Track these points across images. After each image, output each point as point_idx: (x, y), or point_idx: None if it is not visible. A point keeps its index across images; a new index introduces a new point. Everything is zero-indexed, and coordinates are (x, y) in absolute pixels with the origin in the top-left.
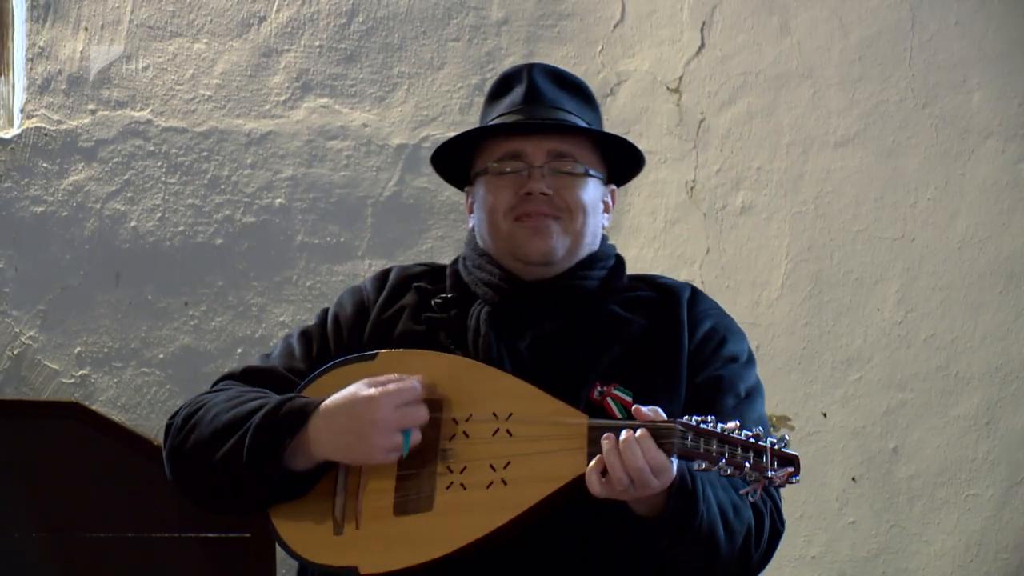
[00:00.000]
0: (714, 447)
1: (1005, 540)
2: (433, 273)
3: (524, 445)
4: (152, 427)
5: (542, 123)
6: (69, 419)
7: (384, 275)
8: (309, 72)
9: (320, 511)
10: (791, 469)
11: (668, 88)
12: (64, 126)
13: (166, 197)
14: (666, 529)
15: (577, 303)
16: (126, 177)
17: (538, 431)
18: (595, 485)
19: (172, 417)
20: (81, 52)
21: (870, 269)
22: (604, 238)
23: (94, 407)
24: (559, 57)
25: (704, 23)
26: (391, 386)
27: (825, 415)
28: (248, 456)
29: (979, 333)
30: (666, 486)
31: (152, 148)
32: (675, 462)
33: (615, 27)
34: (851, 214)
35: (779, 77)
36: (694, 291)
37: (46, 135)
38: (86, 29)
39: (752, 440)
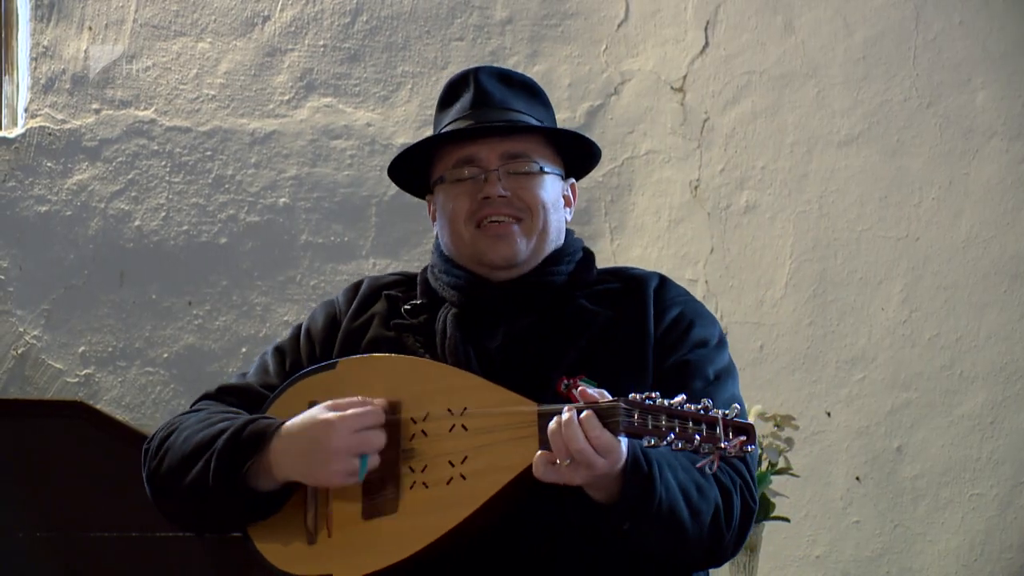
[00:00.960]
0: (663, 422)
1: (1009, 539)
2: (405, 282)
3: (479, 438)
4: (156, 426)
5: (491, 125)
6: (73, 418)
7: (356, 286)
8: (313, 71)
9: (293, 523)
10: (743, 438)
11: (672, 87)
12: (68, 125)
13: (170, 196)
14: (624, 512)
15: (544, 300)
16: (130, 176)
17: (491, 423)
18: (540, 469)
19: (148, 441)
20: (85, 52)
21: (874, 269)
22: (570, 232)
23: (98, 406)
24: (563, 56)
25: (708, 22)
26: (350, 411)
27: (829, 414)
28: (214, 480)
29: (983, 332)
30: (616, 466)
31: (156, 147)
32: (624, 442)
33: (619, 26)
34: (855, 213)
35: (783, 76)
36: (662, 279)
37: (50, 134)
38: (90, 28)
39: (702, 412)
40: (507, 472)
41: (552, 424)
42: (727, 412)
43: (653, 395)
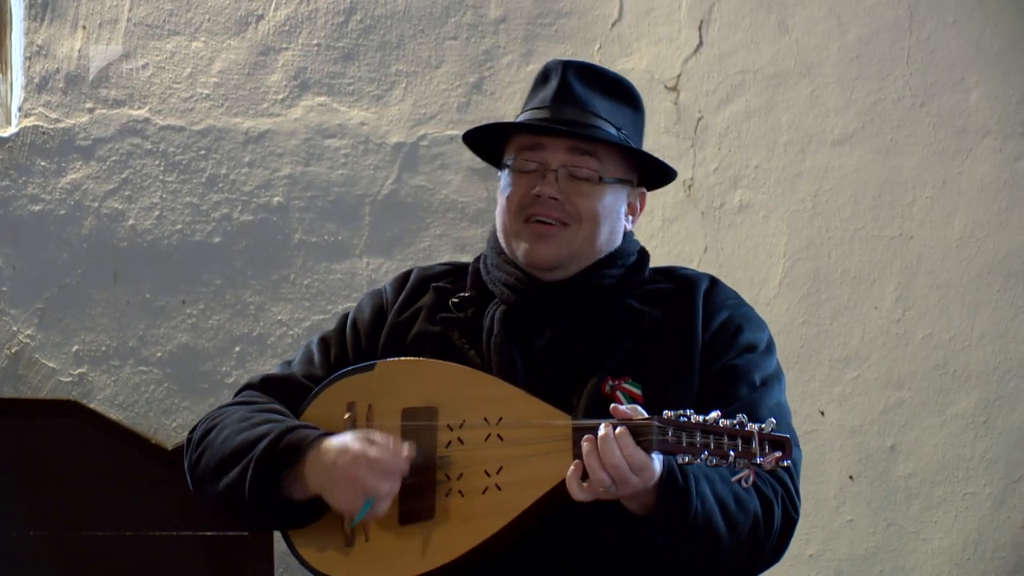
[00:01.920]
0: (697, 439)
1: (1002, 538)
2: (455, 273)
3: (515, 449)
4: (150, 425)
5: (554, 127)
6: (67, 417)
7: (405, 277)
8: (307, 70)
9: (332, 526)
10: (779, 453)
11: (666, 86)
12: (62, 124)
13: (164, 196)
14: (659, 525)
15: (594, 301)
16: (124, 176)
17: (527, 434)
18: (575, 490)
19: (192, 431)
20: (79, 51)
21: (868, 268)
22: (629, 234)
23: (92, 405)
24: (557, 55)
25: (702, 21)
26: (374, 451)
27: (823, 413)
28: (250, 487)
29: (977, 332)
30: (649, 483)
31: (150, 147)
32: (656, 458)
33: (613, 25)
34: (849, 212)
35: (777, 75)
36: (712, 282)
37: (44, 133)
38: (84, 28)
39: (736, 427)
40: (542, 485)
41: (586, 444)
42: (763, 427)
43: (687, 412)
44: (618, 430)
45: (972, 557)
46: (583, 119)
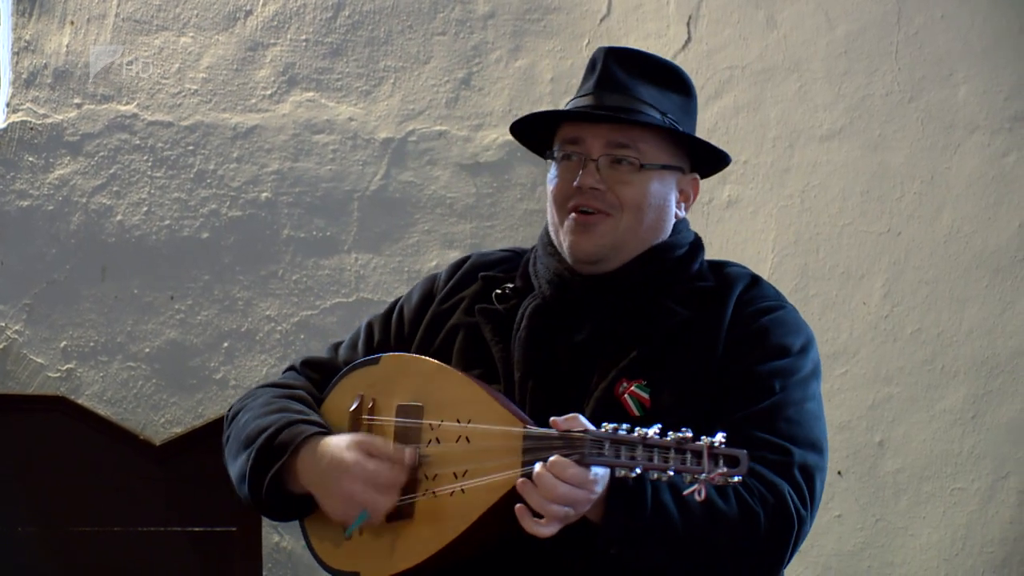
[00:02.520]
0: (639, 453)
1: (991, 534)
2: (511, 260)
3: (477, 453)
4: (138, 421)
5: (593, 112)
6: (55, 413)
7: (461, 263)
8: (295, 66)
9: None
10: (725, 469)
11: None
12: (50, 120)
13: (152, 191)
14: (609, 536)
15: (628, 299)
16: (112, 171)
17: (486, 440)
18: (533, 528)
19: (230, 409)
20: (67, 46)
21: (856, 263)
22: (682, 223)
23: (80, 401)
24: (545, 51)
25: (690, 17)
26: (372, 464)
27: None
28: (250, 476)
29: (965, 327)
30: (596, 493)
31: (138, 142)
32: (602, 470)
33: (601, 21)
34: (837, 208)
35: (765, 71)
36: (750, 283)
37: (32, 129)
38: (72, 23)
39: (683, 441)
40: (495, 491)
41: (523, 486)
42: (713, 441)
43: (623, 426)
44: (551, 460)
45: (960, 553)
46: (625, 104)
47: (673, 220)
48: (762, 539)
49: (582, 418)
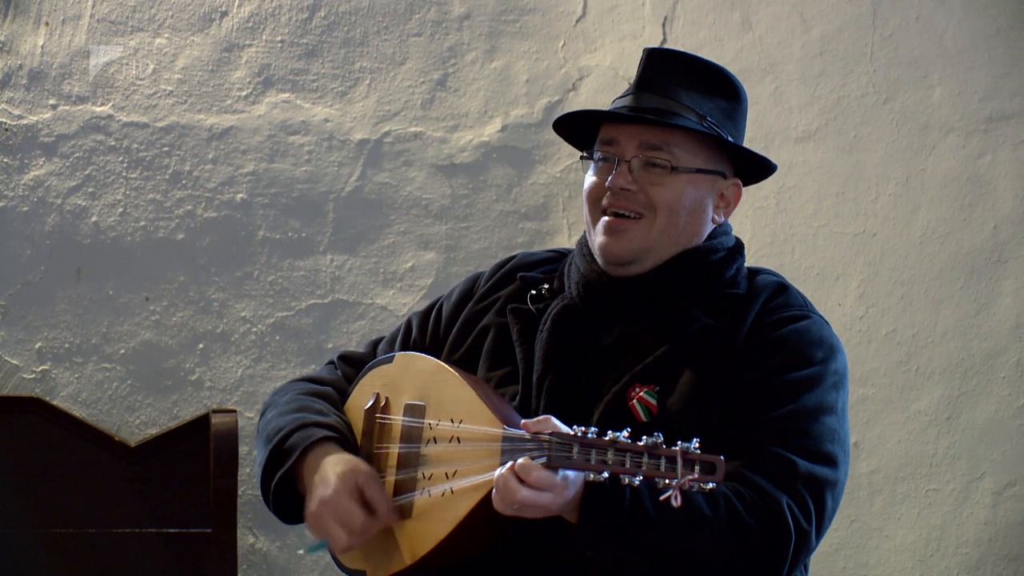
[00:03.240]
0: (609, 456)
1: (965, 535)
2: (555, 260)
3: (466, 454)
4: (113, 422)
5: (621, 112)
6: (30, 414)
7: (504, 262)
8: (271, 67)
9: None
10: (695, 475)
11: (630, 83)
12: (24, 121)
13: (127, 192)
14: (583, 539)
15: (651, 302)
16: (87, 172)
17: (474, 441)
18: (500, 507)
19: (268, 400)
20: (42, 47)
21: (831, 264)
22: (721, 228)
23: (55, 402)
24: (521, 52)
25: (666, 18)
26: (350, 505)
27: None
28: (262, 476)
29: (940, 328)
30: (568, 498)
31: (113, 143)
32: (572, 473)
33: (577, 22)
34: (812, 209)
35: (741, 72)
36: (776, 291)
37: (6, 130)
38: (47, 24)
39: (654, 446)
40: (478, 492)
41: (496, 478)
42: (688, 446)
43: (592, 429)
44: (518, 462)
45: (935, 553)
46: (662, 107)
47: (709, 225)
48: (752, 550)
49: (554, 420)
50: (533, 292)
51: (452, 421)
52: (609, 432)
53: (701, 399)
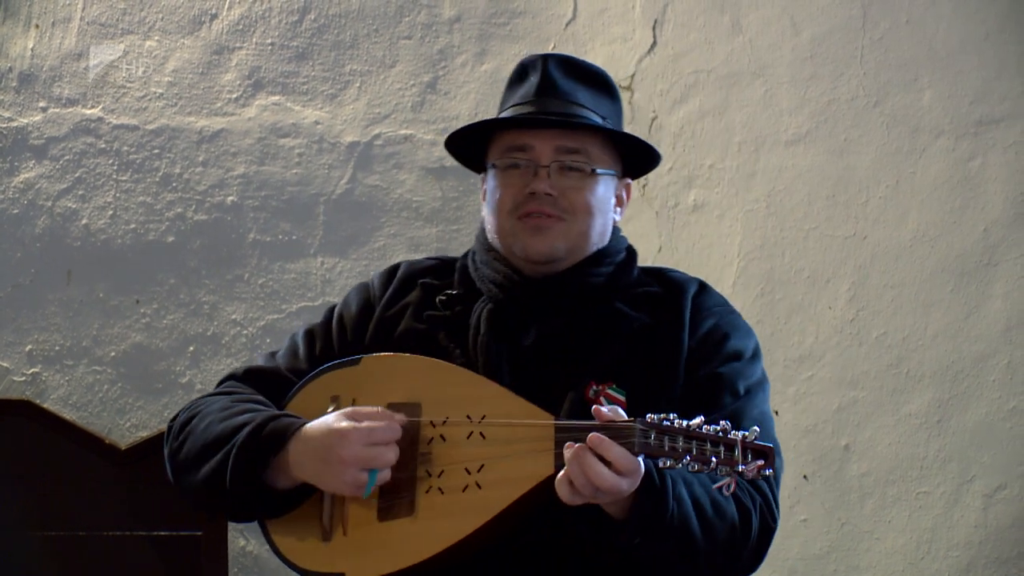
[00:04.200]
0: (680, 444)
1: (956, 538)
2: (442, 268)
3: (496, 448)
4: (104, 425)
5: (547, 117)
6: (20, 417)
7: (393, 271)
8: (261, 70)
9: (310, 519)
10: (761, 462)
11: (620, 86)
12: (15, 123)
13: (117, 195)
14: (635, 527)
15: (582, 301)
16: (77, 175)
17: (509, 433)
18: (564, 493)
19: (172, 419)
20: (32, 49)
21: (822, 267)
22: (616, 231)
23: (45, 405)
24: (511, 55)
25: (656, 21)
26: (365, 423)
27: (777, 413)
28: (231, 474)
29: (930, 331)
30: (635, 487)
31: (103, 146)
32: (641, 460)
33: (567, 25)
34: (803, 212)
35: (731, 75)
36: (701, 287)
37: None
38: (37, 26)
39: (720, 434)
40: (522, 485)
41: (568, 451)
42: (747, 435)
43: (670, 416)
44: (602, 441)
45: (926, 556)
46: (569, 111)
47: (612, 225)
48: (754, 536)
49: (621, 410)
50: (441, 298)
51: (469, 417)
52: (674, 418)
53: (661, 394)
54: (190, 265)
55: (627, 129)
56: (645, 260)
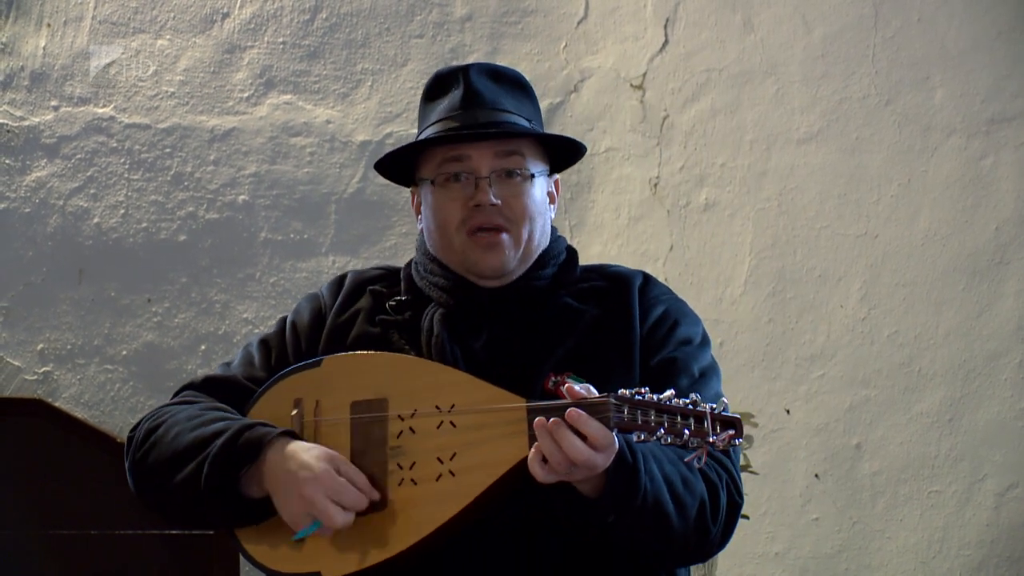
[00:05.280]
0: (652, 417)
1: (967, 536)
2: (389, 276)
3: (468, 435)
4: (116, 424)
5: (485, 132)
6: (32, 416)
7: (340, 280)
8: (272, 68)
9: (281, 520)
10: (732, 432)
11: (632, 85)
12: (27, 123)
13: (129, 194)
14: (609, 505)
15: (530, 302)
16: (89, 174)
17: (480, 419)
18: (538, 472)
19: (133, 429)
20: (44, 48)
21: (833, 266)
22: (554, 232)
23: (57, 404)
24: (523, 54)
25: (668, 20)
26: (341, 480)
27: (788, 412)
28: (206, 483)
29: (942, 330)
30: (610, 460)
31: (115, 145)
32: (616, 436)
33: (579, 24)
34: (814, 211)
35: (742, 74)
36: (646, 278)
37: (8, 132)
38: (48, 25)
39: (690, 407)
40: (497, 468)
41: (540, 428)
42: (715, 406)
43: (642, 390)
44: (576, 413)
45: (937, 555)
46: (498, 118)
47: (549, 227)
48: (723, 512)
49: (592, 388)
50: (391, 303)
51: (437, 408)
52: (645, 392)
53: (620, 383)
54: (201, 264)
55: (638, 128)
56: (656, 260)
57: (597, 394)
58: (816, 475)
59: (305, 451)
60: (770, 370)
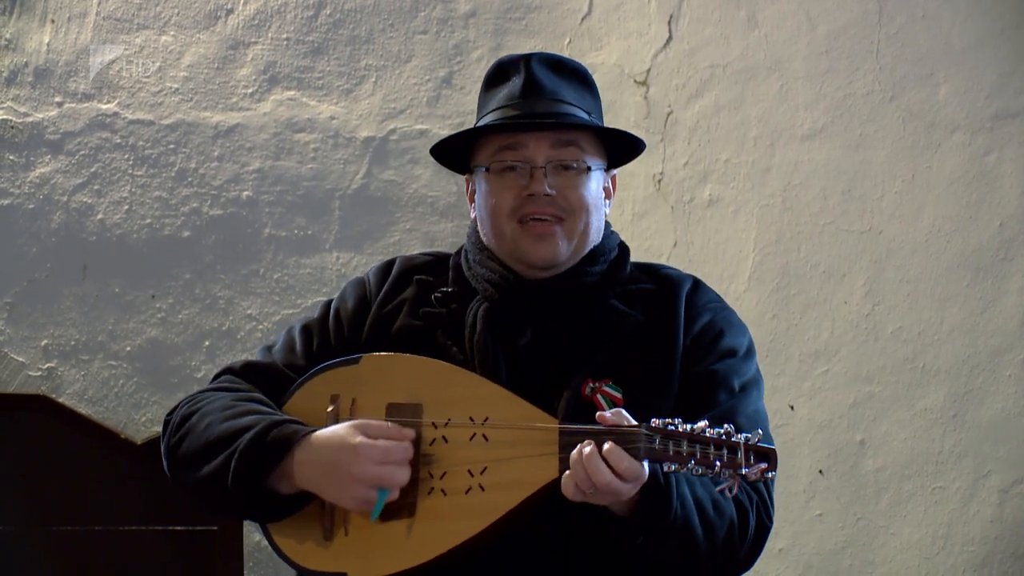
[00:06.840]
0: (684, 448)
1: (971, 533)
2: (437, 264)
3: (500, 450)
4: (119, 420)
5: (542, 121)
6: (36, 412)
7: (388, 266)
8: (276, 64)
9: (312, 519)
10: (764, 465)
11: (636, 81)
12: (31, 118)
13: (133, 190)
14: (639, 526)
15: (577, 300)
16: (93, 170)
17: (513, 436)
18: (570, 491)
19: (171, 413)
20: (48, 44)
21: (837, 262)
22: (608, 227)
23: (61, 400)
24: (526, 50)
25: (672, 16)
26: (380, 442)
27: (792, 408)
28: (233, 478)
29: (946, 326)
30: (637, 488)
31: (119, 141)
32: (646, 464)
33: (583, 20)
34: (818, 207)
35: (746, 70)
36: (695, 283)
37: (12, 127)
38: (52, 21)
39: (723, 437)
40: (526, 488)
41: (574, 455)
42: (749, 437)
43: (675, 420)
44: (607, 446)
45: (941, 551)
46: (557, 109)
47: (604, 223)
48: (751, 535)
49: (625, 413)
50: (437, 295)
51: (472, 419)
52: (678, 422)
53: (657, 391)
54: (205, 260)
55: (642, 124)
56: (660, 255)
57: (629, 419)
58: (820, 471)
59: (333, 435)
60: (774, 366)
